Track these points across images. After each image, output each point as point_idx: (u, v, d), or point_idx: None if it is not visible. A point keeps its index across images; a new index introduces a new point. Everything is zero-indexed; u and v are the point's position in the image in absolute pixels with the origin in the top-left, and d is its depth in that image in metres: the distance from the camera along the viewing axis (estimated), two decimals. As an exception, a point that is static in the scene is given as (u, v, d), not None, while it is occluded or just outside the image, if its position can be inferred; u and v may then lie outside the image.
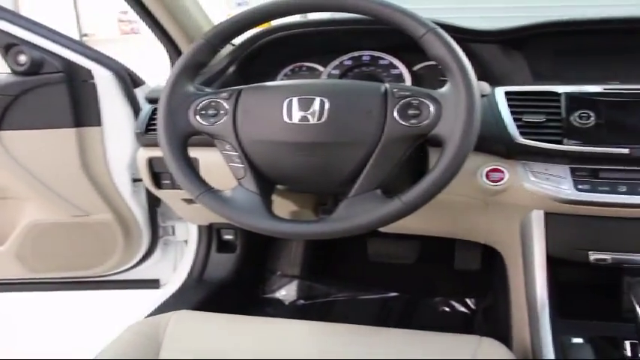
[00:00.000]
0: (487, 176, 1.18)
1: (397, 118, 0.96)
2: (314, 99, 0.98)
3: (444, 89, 0.97)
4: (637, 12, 1.29)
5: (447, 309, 2.03)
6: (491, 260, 1.73)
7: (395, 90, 0.98)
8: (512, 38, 1.33)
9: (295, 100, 0.99)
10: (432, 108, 0.95)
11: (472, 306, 2.02)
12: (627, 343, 1.08)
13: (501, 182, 1.17)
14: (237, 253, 1.88)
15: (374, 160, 0.97)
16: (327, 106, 0.98)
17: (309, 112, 0.98)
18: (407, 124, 0.95)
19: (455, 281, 2.05)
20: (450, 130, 0.93)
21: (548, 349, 1.09)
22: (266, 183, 1.05)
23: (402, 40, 0.98)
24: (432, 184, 0.93)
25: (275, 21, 1.31)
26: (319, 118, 0.98)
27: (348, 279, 2.12)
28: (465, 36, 1.30)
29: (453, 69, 0.94)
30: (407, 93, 0.97)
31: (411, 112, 0.96)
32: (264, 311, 2.03)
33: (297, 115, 0.98)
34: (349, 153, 0.98)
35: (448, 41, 0.95)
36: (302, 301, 2.09)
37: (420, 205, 0.95)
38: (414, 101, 0.96)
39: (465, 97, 0.93)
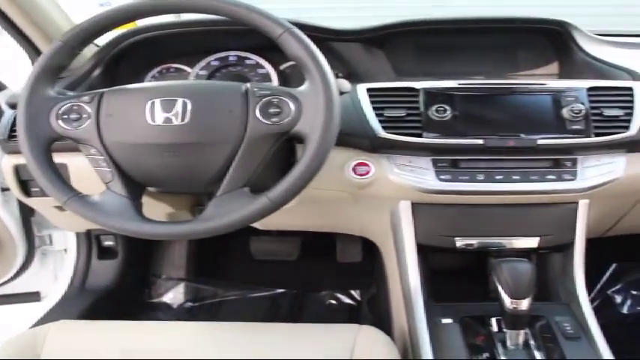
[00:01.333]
0: (354, 170, 1.22)
1: (259, 116, 0.99)
2: (176, 100, 0.99)
3: (303, 87, 1.00)
4: (492, 13, 1.38)
5: (333, 302, 2.08)
6: (371, 252, 1.79)
7: (255, 89, 1.01)
8: (374, 37, 1.38)
9: (158, 101, 0.99)
10: (292, 106, 0.98)
11: (357, 297, 2.08)
12: (493, 320, 1.15)
13: (368, 175, 1.21)
14: (119, 258, 1.85)
15: (239, 159, 0.99)
16: (189, 107, 0.99)
17: (171, 113, 0.98)
18: (269, 123, 0.98)
19: (339, 274, 2.10)
20: (311, 126, 0.96)
21: (423, 332, 1.14)
22: (134, 186, 1.05)
23: (267, 40, 1.00)
24: (297, 180, 0.97)
25: (142, 21, 1.30)
26: (182, 119, 0.98)
27: (235, 279, 2.13)
28: (327, 35, 1.34)
29: (310, 68, 0.98)
30: (267, 92, 1.00)
31: (272, 110, 0.98)
32: (151, 316, 2.00)
33: (160, 116, 0.99)
34: (214, 152, 1.00)
35: (304, 41, 0.98)
36: (190, 304, 2.08)
37: (286, 201, 0.98)
38: (274, 100, 0.99)
39: (323, 94, 0.96)
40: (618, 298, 2.01)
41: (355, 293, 2.08)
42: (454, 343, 1.11)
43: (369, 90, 1.21)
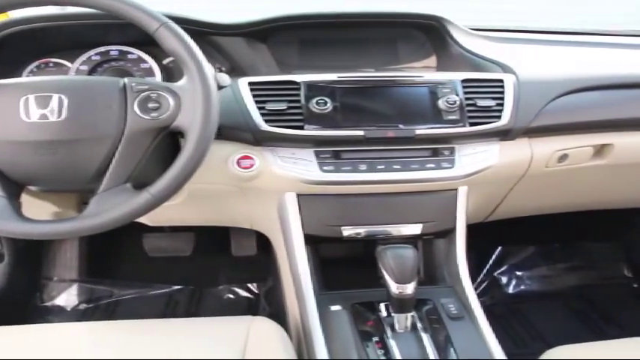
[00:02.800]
0: (238, 164, 1.21)
1: (138, 111, 0.98)
2: (52, 96, 0.96)
3: (181, 82, 1.00)
4: (372, 7, 1.42)
5: (231, 296, 2.08)
6: (266, 244, 1.80)
7: (133, 84, 0.99)
8: (256, 31, 1.38)
9: (32, 97, 0.96)
10: (171, 101, 0.98)
11: (255, 290, 2.09)
12: (382, 305, 1.18)
13: (252, 169, 1.21)
14: (6, 262, 1.79)
15: (119, 155, 0.97)
16: (65, 102, 0.96)
17: (47, 109, 0.96)
18: (148, 118, 0.98)
19: (235, 268, 2.10)
20: (190, 121, 0.96)
21: (314, 321, 1.15)
22: (12, 185, 1.01)
23: (148, 33, 0.99)
24: (178, 174, 0.96)
25: (18, 13, 1.24)
26: (59, 116, 0.96)
27: (131, 277, 2.09)
28: (208, 29, 1.33)
29: (187, 62, 0.98)
30: (145, 87, 0.99)
31: (151, 105, 0.98)
32: (44, 320, 1.94)
33: (35, 113, 0.96)
34: (94, 149, 0.98)
35: (181, 35, 0.98)
36: (84, 305, 2.02)
37: (168, 196, 0.98)
38: (152, 95, 0.98)
39: (201, 89, 0.97)
40: (504, 279, 2.13)
41: (253, 286, 2.09)
42: (344, 329, 1.12)
43: (250, 84, 1.21)
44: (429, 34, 1.46)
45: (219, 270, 2.11)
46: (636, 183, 1.59)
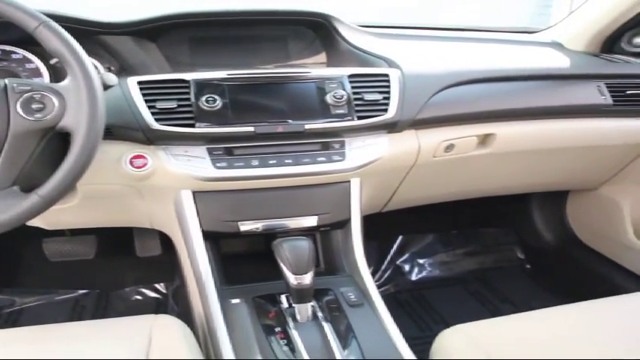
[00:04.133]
0: (131, 163, 1.20)
1: (21, 113, 0.95)
2: None
3: (65, 82, 0.98)
4: (262, 6, 1.42)
5: (139, 297, 2.05)
6: (171, 243, 1.79)
7: (15, 85, 0.97)
8: (145, 29, 1.37)
9: None
10: (55, 101, 0.96)
11: (163, 290, 2.07)
12: (283, 297, 1.20)
13: (145, 167, 1.21)
14: None
15: (4, 158, 0.95)
16: None
17: None
18: (32, 119, 0.96)
19: (141, 269, 2.07)
20: (76, 121, 0.95)
21: (217, 316, 1.15)
22: None
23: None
24: (66, 176, 0.95)
25: None
26: None
27: (33, 284, 2.03)
28: (95, 28, 1.31)
29: (69, 61, 0.97)
30: (27, 87, 0.97)
31: (34, 106, 0.96)
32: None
33: None
34: None
35: (61, 34, 0.97)
36: (-17, 316, 1.93)
37: (58, 197, 0.96)
38: (36, 95, 0.96)
39: (85, 89, 0.96)
40: (407, 267, 2.20)
41: (160, 286, 2.07)
42: (246, 323, 1.13)
43: (139, 83, 1.20)
44: (318, 32, 1.49)
45: (124, 272, 2.08)
46: (519, 170, 1.69)
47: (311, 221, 1.30)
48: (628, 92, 1.58)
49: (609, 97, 1.55)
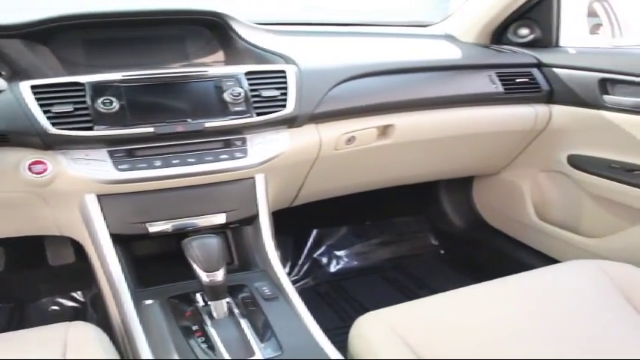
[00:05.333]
0: (30, 169, 1.19)
1: None
2: None
3: None
4: (155, 5, 1.42)
5: (55, 307, 2.00)
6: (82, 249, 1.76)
7: None
8: (34, 31, 1.34)
9: None
10: None
11: (80, 298, 2.02)
12: (198, 295, 1.20)
13: (45, 173, 1.19)
14: None
15: None
16: None
17: None
18: None
19: (56, 278, 2.01)
20: None
21: (133, 319, 1.15)
22: None
23: None
24: None
25: None
26: None
27: None
28: None
29: None
30: None
31: None
32: None
33: None
34: None
35: None
36: None
37: None
38: None
39: None
40: (324, 260, 2.24)
41: (77, 295, 2.02)
42: (162, 323, 1.13)
43: (33, 87, 1.18)
44: (215, 31, 1.50)
45: (38, 282, 2.01)
46: (421, 159, 1.75)
47: (220, 219, 1.32)
48: (517, 80, 1.68)
49: (500, 86, 1.64)
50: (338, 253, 2.26)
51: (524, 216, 1.95)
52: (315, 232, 2.25)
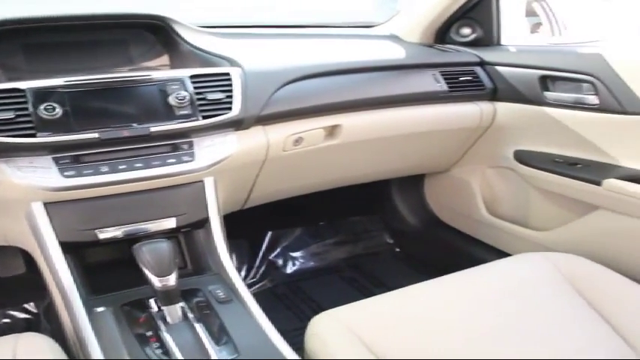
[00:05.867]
0: None
1: None
2: None
3: None
4: (95, 10, 1.40)
5: (6, 320, 1.95)
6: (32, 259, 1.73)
7: None
8: None
9: None
10: None
11: (33, 310, 1.99)
12: (151, 301, 1.19)
13: None
14: None
15: None
16: None
17: None
18: None
19: (6, 290, 1.97)
20: None
21: (86, 328, 1.14)
22: None
23: None
24: None
25: None
26: None
27: None
28: None
29: None
30: None
31: None
32: None
33: None
34: None
35: None
36: None
37: None
38: None
39: None
40: (280, 261, 2.25)
41: (30, 306, 1.98)
42: (115, 330, 1.12)
43: None
44: (158, 35, 1.50)
45: None
46: (370, 158, 1.78)
47: (170, 223, 1.31)
48: (461, 79, 1.72)
49: (444, 84, 1.68)
50: (294, 254, 2.28)
51: (475, 212, 1.99)
52: (270, 234, 2.26)
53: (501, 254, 1.84)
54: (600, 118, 1.54)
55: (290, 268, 2.25)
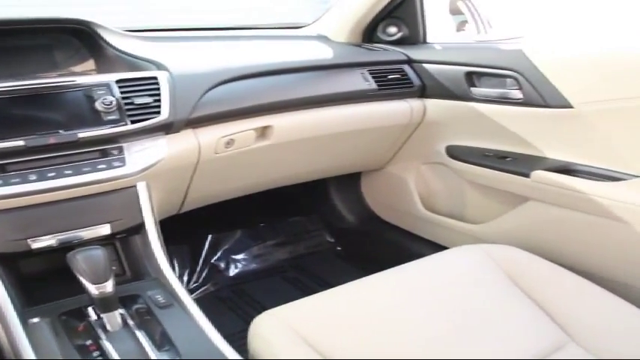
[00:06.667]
0: None
1: None
2: None
3: None
4: (15, 14, 1.39)
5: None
6: None
7: None
8: None
9: None
10: None
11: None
12: (90, 309, 1.17)
13: None
14: None
15: None
16: None
17: None
18: None
19: None
20: None
21: (21, 339, 1.11)
22: None
23: None
24: None
25: None
26: None
27: None
28: None
29: None
30: None
31: None
32: None
33: None
34: None
35: None
36: None
37: None
38: None
39: None
40: (222, 265, 2.24)
41: (-36, 321, 1.94)
42: (52, 340, 1.10)
43: None
44: (83, 39, 1.48)
45: None
46: (304, 158, 1.80)
47: (105, 229, 1.30)
48: (389, 77, 1.76)
49: (373, 83, 1.72)
50: (235, 256, 2.27)
51: (412, 207, 2.03)
52: (210, 237, 2.26)
53: (440, 248, 1.88)
54: (525, 112, 1.60)
55: (232, 271, 2.24)
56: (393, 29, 1.92)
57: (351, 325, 1.15)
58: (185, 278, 2.14)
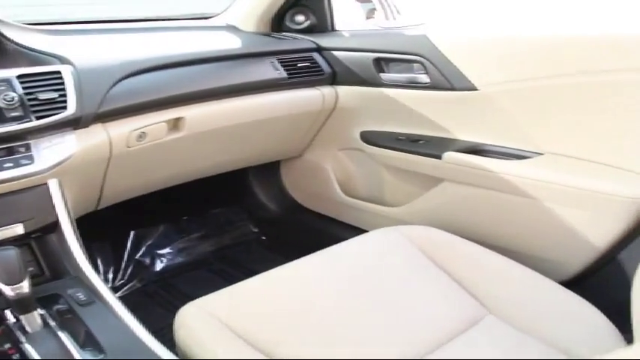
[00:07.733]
0: None
1: None
2: None
3: None
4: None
5: None
6: None
7: None
8: None
9: None
10: None
11: None
12: (7, 312, 1.14)
13: None
14: None
15: None
16: None
17: None
18: None
19: None
20: None
21: None
22: None
23: None
24: None
25: None
26: None
27: None
28: None
29: None
30: None
31: None
32: None
33: None
34: None
35: None
36: None
37: None
38: None
39: None
40: (147, 260, 2.23)
41: None
42: None
43: None
44: None
45: None
46: (219, 149, 1.82)
47: (18, 229, 1.28)
48: (299, 65, 1.80)
49: (283, 71, 1.75)
50: (160, 251, 2.27)
51: (332, 193, 2.08)
52: (133, 233, 2.24)
53: (361, 232, 1.89)
54: (433, 96, 1.67)
55: (158, 266, 2.24)
56: (300, 17, 1.96)
57: (273, 310, 1.18)
58: (110, 276, 2.12)
